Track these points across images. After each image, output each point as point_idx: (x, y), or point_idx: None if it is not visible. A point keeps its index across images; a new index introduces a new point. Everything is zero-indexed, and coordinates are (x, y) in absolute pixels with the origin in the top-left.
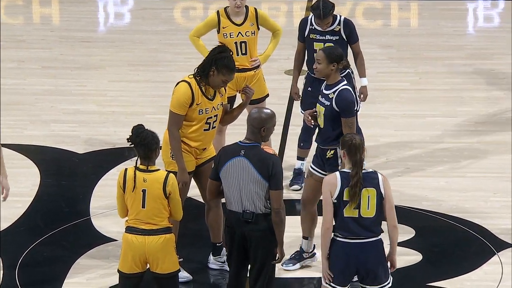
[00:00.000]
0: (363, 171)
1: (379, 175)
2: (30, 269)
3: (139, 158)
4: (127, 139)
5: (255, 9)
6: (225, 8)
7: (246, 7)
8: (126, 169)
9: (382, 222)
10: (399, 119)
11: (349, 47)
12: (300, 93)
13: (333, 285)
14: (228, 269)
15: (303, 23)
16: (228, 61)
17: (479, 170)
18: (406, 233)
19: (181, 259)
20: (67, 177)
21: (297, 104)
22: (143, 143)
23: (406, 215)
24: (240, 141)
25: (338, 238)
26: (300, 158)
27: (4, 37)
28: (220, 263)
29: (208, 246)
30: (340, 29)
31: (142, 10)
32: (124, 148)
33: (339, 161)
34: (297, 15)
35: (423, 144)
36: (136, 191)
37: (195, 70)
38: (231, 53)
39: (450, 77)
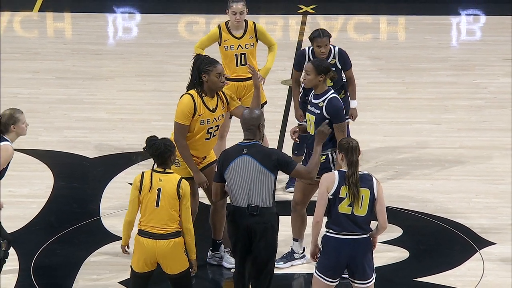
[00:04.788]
0: (360, 172)
1: (374, 178)
2: (44, 266)
3: (155, 164)
4: (143, 148)
5: (254, 23)
6: (226, 22)
7: (246, 21)
8: (143, 172)
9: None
10: (388, 126)
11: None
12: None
13: (324, 277)
14: (225, 265)
15: (301, 54)
16: (206, 59)
17: (462, 173)
18: (394, 231)
19: None
20: (78, 180)
21: (292, 113)
22: (155, 154)
23: (394, 215)
24: (239, 142)
25: (331, 234)
26: None
27: (20, 49)
28: (218, 259)
29: (207, 244)
30: (335, 61)
31: (148, 24)
32: (131, 153)
33: (332, 165)
34: (292, 29)
35: (410, 149)
36: (152, 191)
37: (187, 88)
38: (199, 54)
39: (435, 87)
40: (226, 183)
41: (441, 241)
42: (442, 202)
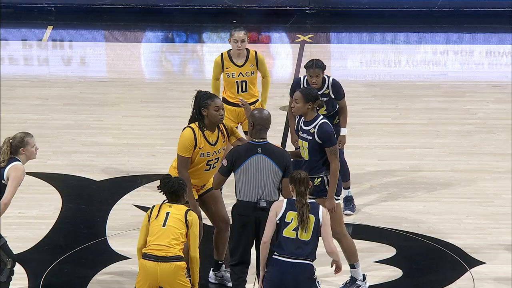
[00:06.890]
0: (308, 201)
1: (320, 206)
2: (52, 284)
3: (167, 200)
4: (157, 187)
5: (256, 52)
6: (228, 51)
7: (248, 50)
8: (154, 205)
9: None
10: (382, 150)
11: None
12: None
13: None
14: (226, 283)
15: (296, 83)
16: (205, 95)
17: (453, 195)
18: (388, 251)
19: None
20: (86, 202)
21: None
22: (170, 191)
23: (388, 235)
24: (251, 141)
25: (274, 256)
26: None
27: (30, 77)
28: (219, 278)
29: (209, 263)
30: (329, 92)
31: (152, 53)
32: (137, 176)
33: (327, 187)
34: (290, 57)
35: (403, 172)
36: (160, 215)
37: (188, 123)
38: (199, 90)
39: (427, 113)
40: (227, 177)
41: (433, 260)
42: (434, 223)
